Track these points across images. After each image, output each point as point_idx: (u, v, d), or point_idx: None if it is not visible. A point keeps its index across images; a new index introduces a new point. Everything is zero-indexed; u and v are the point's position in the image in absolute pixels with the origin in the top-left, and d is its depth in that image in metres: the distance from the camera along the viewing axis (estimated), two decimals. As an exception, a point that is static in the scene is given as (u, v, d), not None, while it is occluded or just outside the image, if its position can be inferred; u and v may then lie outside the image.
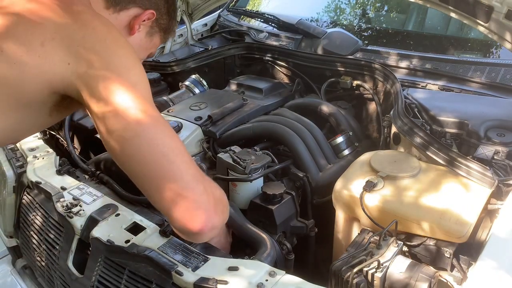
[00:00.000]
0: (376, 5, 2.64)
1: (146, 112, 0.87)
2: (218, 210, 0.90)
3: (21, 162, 1.58)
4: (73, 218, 1.24)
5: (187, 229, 0.87)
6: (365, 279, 0.99)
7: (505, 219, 1.04)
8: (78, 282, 1.23)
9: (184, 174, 0.86)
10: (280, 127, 1.55)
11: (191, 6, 2.46)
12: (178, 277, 0.99)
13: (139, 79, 0.91)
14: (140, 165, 0.86)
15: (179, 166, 0.86)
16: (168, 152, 0.86)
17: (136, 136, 0.85)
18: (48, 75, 0.89)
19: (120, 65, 0.90)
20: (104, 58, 0.89)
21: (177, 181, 0.85)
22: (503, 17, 1.29)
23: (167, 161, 0.85)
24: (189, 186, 0.85)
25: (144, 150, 0.85)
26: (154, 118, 0.88)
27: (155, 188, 0.87)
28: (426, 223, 1.10)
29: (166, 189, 0.85)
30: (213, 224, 0.88)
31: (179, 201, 0.85)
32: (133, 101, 0.86)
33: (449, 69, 1.84)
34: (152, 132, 0.86)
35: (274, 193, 1.27)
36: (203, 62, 2.16)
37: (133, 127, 0.85)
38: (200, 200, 0.86)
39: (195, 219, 0.85)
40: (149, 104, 0.90)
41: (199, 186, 0.87)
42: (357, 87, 1.81)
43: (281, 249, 1.22)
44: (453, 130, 1.43)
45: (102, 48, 0.90)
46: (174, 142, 0.89)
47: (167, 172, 0.85)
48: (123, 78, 0.88)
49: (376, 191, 1.20)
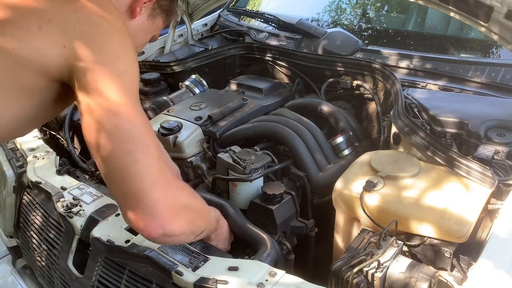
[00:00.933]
0: (376, 5, 2.64)
1: (124, 106, 0.85)
2: (178, 218, 0.87)
3: (21, 162, 1.58)
4: (73, 218, 1.24)
5: (138, 231, 0.87)
6: (365, 279, 0.99)
7: (505, 219, 1.04)
8: (78, 282, 1.23)
9: (145, 177, 0.83)
10: (280, 127, 1.55)
11: (191, 6, 2.46)
12: (178, 277, 0.99)
13: (126, 70, 0.90)
14: (107, 159, 0.84)
15: (143, 168, 0.83)
16: (136, 151, 0.83)
17: (108, 130, 0.84)
18: (46, 59, 0.88)
19: (111, 53, 0.89)
20: (96, 44, 0.88)
21: (136, 183, 0.83)
22: (503, 17, 1.29)
23: (132, 160, 0.83)
24: (147, 191, 0.83)
25: (113, 145, 0.83)
26: (131, 113, 0.86)
27: (115, 184, 0.85)
28: (426, 223, 1.10)
29: (125, 188, 0.83)
30: (167, 232, 0.86)
31: (133, 203, 0.83)
32: (114, 93, 0.85)
33: (449, 69, 1.84)
34: (125, 128, 0.84)
35: (274, 193, 1.27)
36: (203, 62, 2.16)
37: (107, 120, 0.84)
38: (154, 206, 0.84)
39: (145, 224, 0.84)
40: (130, 98, 0.87)
41: (157, 192, 0.84)
42: (357, 87, 1.81)
43: (281, 249, 1.22)
44: (453, 130, 1.43)
45: (95, 33, 0.89)
46: (146, 142, 0.86)
47: (129, 172, 0.83)
48: (110, 67, 0.87)
49: (376, 191, 1.20)
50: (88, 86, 0.85)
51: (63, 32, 0.88)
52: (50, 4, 0.90)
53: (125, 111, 0.85)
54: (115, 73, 0.87)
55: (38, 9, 0.89)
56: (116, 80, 0.86)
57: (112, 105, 0.84)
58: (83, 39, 0.88)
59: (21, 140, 1.67)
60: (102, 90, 0.85)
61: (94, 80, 0.85)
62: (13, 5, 0.90)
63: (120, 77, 0.87)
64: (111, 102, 0.84)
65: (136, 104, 0.89)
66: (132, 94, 0.89)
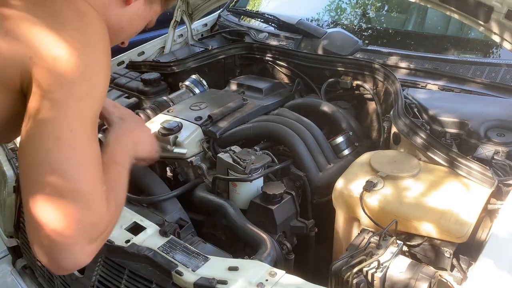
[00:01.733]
0: (376, 5, 2.64)
1: (69, 132, 0.78)
2: (99, 243, 0.81)
3: (21, 162, 1.58)
4: (73, 218, 1.24)
5: (50, 267, 0.79)
6: (365, 279, 0.99)
7: (505, 219, 1.04)
8: (78, 282, 1.23)
9: (66, 214, 0.75)
10: (280, 127, 1.55)
11: (191, 6, 2.46)
12: (178, 277, 0.99)
13: (89, 93, 0.82)
14: (31, 180, 0.77)
15: (70, 203, 0.76)
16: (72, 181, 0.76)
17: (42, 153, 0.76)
18: (10, 71, 0.81)
19: (74, 72, 0.80)
20: (60, 59, 0.80)
21: (60, 216, 0.75)
22: (503, 17, 1.29)
23: (60, 193, 0.75)
24: (70, 225, 0.75)
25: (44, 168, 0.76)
26: (78, 142, 0.79)
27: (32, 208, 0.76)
28: (426, 223, 1.10)
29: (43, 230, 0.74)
30: (81, 263, 0.78)
31: (47, 235, 0.75)
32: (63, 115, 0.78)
33: (449, 69, 1.84)
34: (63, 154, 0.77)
35: (274, 193, 1.27)
36: (203, 62, 2.16)
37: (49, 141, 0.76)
38: (72, 249, 0.76)
39: (55, 264, 0.77)
40: (84, 124, 0.80)
41: (80, 226, 0.76)
42: (357, 87, 1.81)
43: (281, 249, 1.22)
44: (453, 130, 1.43)
45: (63, 47, 0.81)
46: (84, 177, 0.78)
47: (59, 204, 0.75)
48: (67, 89, 0.79)
49: (376, 191, 1.20)
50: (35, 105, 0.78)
51: (29, 43, 0.80)
52: (17, 13, 0.83)
53: (66, 138, 0.77)
54: (71, 96, 0.79)
55: (2, 17, 0.83)
56: (70, 104, 0.79)
57: (57, 128, 0.77)
58: (46, 53, 0.80)
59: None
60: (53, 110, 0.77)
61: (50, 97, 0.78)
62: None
63: (77, 101, 0.80)
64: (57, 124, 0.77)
65: (87, 133, 0.81)
66: (87, 120, 0.81)
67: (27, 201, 0.76)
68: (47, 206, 0.75)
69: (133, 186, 1.44)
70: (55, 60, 0.80)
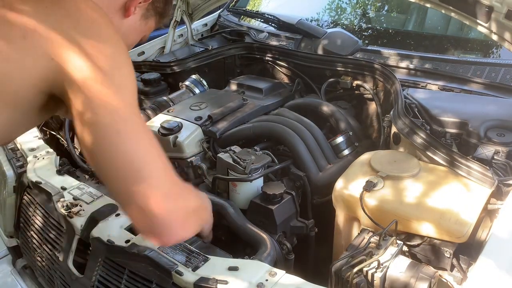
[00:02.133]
0: (376, 5, 2.64)
1: (124, 122, 0.82)
2: (188, 224, 0.90)
3: (21, 162, 1.58)
4: (73, 218, 1.24)
5: (151, 240, 0.90)
6: (365, 279, 0.99)
7: (505, 219, 1.04)
8: (78, 282, 1.23)
9: (155, 192, 0.82)
10: (280, 127, 1.55)
11: (191, 6, 2.46)
12: (178, 277, 0.99)
13: (124, 82, 0.86)
14: (111, 178, 0.83)
15: (152, 183, 0.82)
16: (143, 169, 0.82)
17: (114, 147, 0.81)
18: (32, 71, 0.83)
19: (106, 66, 0.84)
20: (89, 56, 0.82)
21: (147, 200, 0.82)
22: (503, 17, 1.29)
23: (140, 178, 0.81)
24: (159, 205, 0.82)
25: (118, 164, 0.81)
26: (133, 129, 0.83)
27: (126, 203, 0.84)
28: (426, 223, 1.10)
29: (137, 206, 0.82)
30: (178, 239, 0.89)
31: (147, 219, 0.83)
32: (113, 108, 0.81)
33: (449, 69, 1.84)
34: (128, 146, 0.81)
35: (274, 193, 1.27)
36: (203, 62, 2.16)
37: (112, 137, 0.81)
38: (168, 219, 0.84)
39: (160, 235, 0.86)
40: (131, 111, 0.84)
41: (169, 204, 0.84)
42: (357, 87, 1.81)
43: (281, 249, 1.22)
44: (453, 130, 1.43)
45: (88, 44, 0.83)
46: (152, 155, 0.84)
47: (139, 189, 0.81)
48: (106, 81, 0.82)
49: (376, 191, 1.20)
50: (83, 103, 0.81)
51: (49, 44, 0.82)
52: (35, 12, 0.83)
53: (125, 128, 0.82)
54: (111, 87, 0.82)
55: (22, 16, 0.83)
56: (113, 94, 0.82)
57: (113, 123, 0.81)
58: (73, 51, 0.82)
59: (21, 140, 1.67)
60: (99, 107, 0.80)
61: (89, 97, 0.80)
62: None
63: (117, 90, 0.83)
64: (111, 119, 0.81)
65: (137, 118, 0.86)
66: (132, 106, 0.86)
67: (122, 194, 0.83)
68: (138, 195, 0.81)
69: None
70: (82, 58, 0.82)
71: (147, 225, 0.84)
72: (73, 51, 0.82)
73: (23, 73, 0.83)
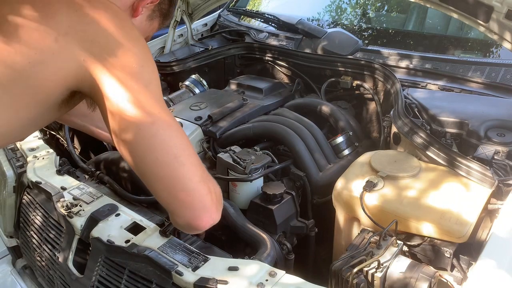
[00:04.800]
0: (376, 5, 2.63)
1: (157, 114, 0.88)
2: (218, 208, 0.95)
3: (21, 162, 1.58)
4: (73, 218, 1.24)
5: (191, 227, 0.93)
6: (365, 279, 0.99)
7: (505, 219, 1.04)
8: (78, 282, 1.23)
9: (192, 176, 0.89)
10: (280, 127, 1.55)
11: (191, 6, 2.46)
12: (178, 277, 0.99)
13: (151, 78, 0.92)
14: (151, 166, 0.88)
15: (189, 169, 0.89)
16: (180, 154, 0.88)
17: (149, 138, 0.87)
18: (63, 72, 0.88)
19: (134, 64, 0.89)
20: (118, 56, 0.88)
21: (186, 183, 0.88)
22: (503, 17, 1.29)
23: (178, 163, 0.88)
24: (197, 188, 0.89)
25: (157, 152, 0.87)
26: (166, 119, 0.89)
27: (163, 188, 0.89)
28: (426, 223, 1.10)
29: (175, 190, 0.89)
30: (214, 221, 0.93)
31: (186, 201, 0.89)
32: (146, 104, 0.87)
33: (449, 69, 1.84)
34: (165, 134, 0.88)
35: (274, 193, 1.27)
36: (203, 62, 2.16)
37: (146, 130, 0.86)
38: (205, 201, 0.90)
39: (199, 218, 0.91)
40: (160, 105, 0.90)
41: (205, 188, 0.90)
42: (357, 87, 1.81)
43: (281, 249, 1.22)
44: (453, 130, 1.43)
45: (116, 44, 0.89)
46: (185, 144, 0.91)
47: (177, 174, 0.88)
48: (136, 78, 0.88)
49: (376, 191, 1.20)
50: (118, 100, 0.86)
51: (81, 45, 0.88)
52: (66, 17, 0.89)
53: (160, 119, 0.88)
54: (141, 83, 0.88)
55: (54, 20, 0.88)
56: (144, 90, 0.88)
57: (147, 116, 0.86)
58: (103, 52, 0.88)
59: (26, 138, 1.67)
60: (134, 102, 0.86)
61: (123, 94, 0.86)
62: (28, 17, 0.89)
63: (147, 86, 0.89)
64: (145, 113, 0.86)
65: (167, 109, 0.92)
66: (161, 100, 0.92)
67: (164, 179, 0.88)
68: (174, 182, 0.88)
69: (133, 186, 1.44)
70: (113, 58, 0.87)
71: (189, 208, 0.89)
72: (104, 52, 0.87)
73: (55, 73, 0.88)
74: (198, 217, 0.91)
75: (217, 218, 0.94)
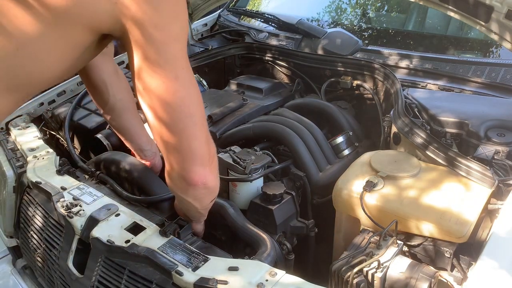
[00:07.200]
0: (376, 5, 2.63)
1: (181, 71, 0.91)
2: (213, 170, 1.02)
3: (21, 162, 1.58)
4: (73, 218, 1.24)
5: (183, 179, 1.00)
6: (365, 279, 0.99)
7: (505, 219, 1.04)
8: (78, 282, 1.22)
9: (200, 136, 0.96)
10: (280, 127, 1.55)
11: (191, 6, 2.46)
12: (178, 277, 0.99)
13: (181, 33, 0.93)
14: (166, 119, 0.92)
15: (199, 129, 0.95)
16: (195, 114, 0.93)
17: (170, 93, 0.90)
18: (96, 16, 0.89)
19: (167, 14, 0.89)
20: (151, 3, 0.87)
21: (193, 141, 0.95)
22: (503, 17, 1.29)
23: (192, 122, 0.93)
24: (200, 147, 0.96)
25: (174, 107, 0.91)
26: (188, 77, 0.93)
27: (170, 140, 0.95)
28: (426, 223, 1.10)
29: (180, 144, 0.95)
30: (205, 180, 1.00)
31: (188, 155, 0.96)
32: (172, 57, 0.89)
33: (449, 69, 1.84)
34: (185, 91, 0.91)
35: (274, 193, 1.27)
36: (203, 62, 2.16)
37: (169, 84, 0.89)
38: (204, 159, 0.98)
39: (194, 172, 0.98)
40: (186, 62, 0.93)
41: (207, 149, 0.98)
42: (357, 87, 1.81)
43: (281, 249, 1.22)
44: (453, 130, 1.43)
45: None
46: (200, 105, 0.96)
47: (188, 132, 0.94)
48: (166, 29, 0.89)
49: (376, 191, 1.20)
50: (146, 48, 0.88)
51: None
52: None
53: (182, 75, 0.90)
54: (171, 36, 0.89)
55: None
56: (172, 43, 0.89)
57: (171, 70, 0.89)
58: None
59: (21, 140, 1.67)
60: (160, 53, 0.87)
61: (150, 44, 0.87)
62: None
63: (176, 40, 0.90)
64: (170, 66, 0.88)
65: (190, 67, 0.94)
66: (186, 58, 0.93)
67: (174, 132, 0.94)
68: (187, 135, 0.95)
69: (133, 187, 1.44)
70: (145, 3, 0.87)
71: (188, 161, 0.96)
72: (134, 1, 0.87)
73: (88, 18, 0.89)
74: (193, 171, 0.97)
75: (209, 180, 1.00)
